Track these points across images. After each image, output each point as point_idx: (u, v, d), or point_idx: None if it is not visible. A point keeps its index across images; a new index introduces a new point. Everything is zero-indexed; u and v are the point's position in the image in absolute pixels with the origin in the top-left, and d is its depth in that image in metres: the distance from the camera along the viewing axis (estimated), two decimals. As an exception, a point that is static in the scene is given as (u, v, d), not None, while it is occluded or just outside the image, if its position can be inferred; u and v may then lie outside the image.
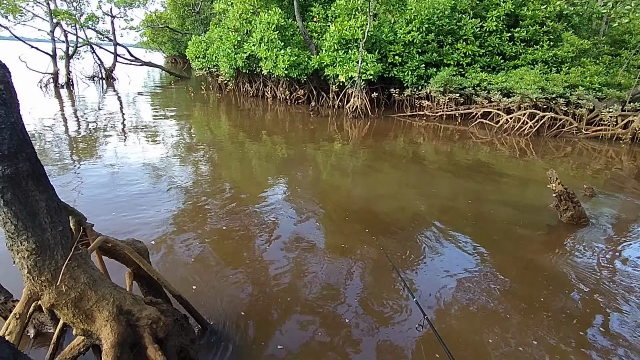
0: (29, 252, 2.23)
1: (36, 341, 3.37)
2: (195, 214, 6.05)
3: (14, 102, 2.12)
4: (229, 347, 3.40)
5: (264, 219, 5.98)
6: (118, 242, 2.99)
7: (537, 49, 16.27)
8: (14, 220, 2.16)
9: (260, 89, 20.46)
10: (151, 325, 2.68)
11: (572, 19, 16.64)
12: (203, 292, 4.12)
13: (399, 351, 3.46)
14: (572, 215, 6.31)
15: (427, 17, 16.17)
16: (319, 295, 4.19)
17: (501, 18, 16.32)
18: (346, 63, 15.77)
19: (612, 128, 13.55)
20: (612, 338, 3.78)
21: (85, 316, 2.47)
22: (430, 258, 5.15)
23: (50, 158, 8.45)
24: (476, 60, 16.98)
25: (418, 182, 8.37)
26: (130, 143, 10.30)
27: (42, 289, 2.34)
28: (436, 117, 16.31)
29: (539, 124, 13.66)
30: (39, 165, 2.26)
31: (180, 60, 49.15)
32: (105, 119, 13.61)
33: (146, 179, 7.49)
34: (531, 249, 5.51)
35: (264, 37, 16.80)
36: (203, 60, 21.59)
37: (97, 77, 26.88)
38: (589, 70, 14.93)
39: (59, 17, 21.65)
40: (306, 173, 8.50)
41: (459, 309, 4.09)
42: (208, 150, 10.05)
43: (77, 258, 2.47)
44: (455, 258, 5.17)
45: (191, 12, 35.05)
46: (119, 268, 3.28)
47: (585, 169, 10.18)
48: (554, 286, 4.60)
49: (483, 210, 6.86)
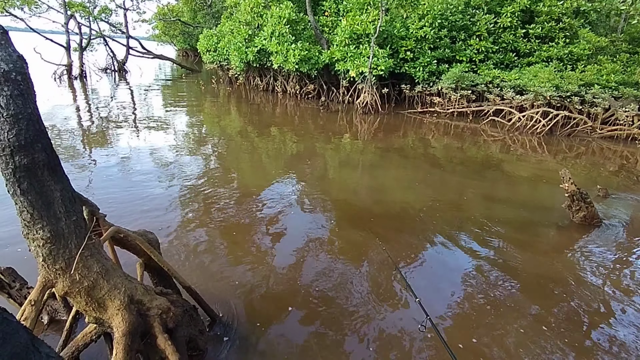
0: (44, 241, 2.28)
1: (50, 327, 3.46)
2: (204, 206, 6.11)
3: (31, 94, 2.15)
4: (234, 339, 3.44)
5: (271, 213, 6.00)
6: (130, 232, 3.03)
7: (552, 46, 15.94)
8: (30, 209, 2.20)
9: (271, 83, 20.46)
10: (161, 315, 2.72)
11: (589, 15, 16.25)
12: (210, 284, 4.17)
13: (401, 351, 3.46)
14: (584, 215, 6.21)
15: (440, 12, 15.95)
16: (323, 291, 4.20)
17: (516, 14, 16.00)
18: (357, 58, 15.66)
19: (628, 128, 13.24)
20: (618, 343, 3.73)
21: (97, 304, 2.52)
22: (435, 258, 5.12)
23: (62, 148, 8.59)
24: (489, 56, 16.71)
25: (426, 179, 8.31)
26: (141, 134, 10.41)
27: (56, 277, 2.39)
28: (447, 114, 16.13)
29: (552, 122, 13.42)
30: (55, 155, 2.30)
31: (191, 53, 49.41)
32: (117, 110, 13.76)
33: (156, 170, 7.57)
34: (541, 250, 5.44)
35: (275, 31, 16.76)
36: (214, 53, 21.64)
37: (110, 69, 27.16)
38: (605, 69, 14.58)
39: (73, 9, 21.90)
40: (314, 168, 8.50)
41: (463, 310, 4.07)
42: (218, 143, 10.11)
43: (90, 247, 2.51)
44: (462, 258, 5.13)
45: (203, 6, 35.13)
46: (130, 258, 3.33)
47: (599, 169, 9.99)
48: (563, 288, 4.54)
49: (493, 209, 6.79)
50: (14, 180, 2.11)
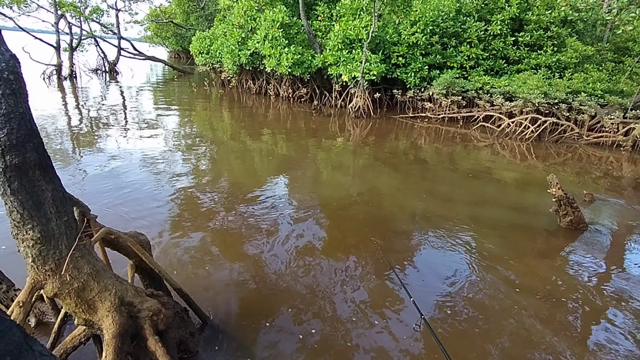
0: (33, 241, 2.26)
1: (37, 330, 3.40)
2: (195, 208, 6.08)
3: (23, 93, 2.14)
4: (225, 342, 3.43)
5: (263, 216, 6.00)
6: (121, 234, 3.01)
7: (540, 53, 16.27)
8: (20, 209, 2.18)
9: (263, 87, 20.47)
10: (152, 317, 2.71)
11: (576, 24, 16.63)
12: (201, 286, 4.15)
13: (395, 350, 3.49)
14: (571, 220, 6.34)
15: (431, 19, 16.17)
16: (316, 293, 4.21)
17: (506, 22, 16.31)
18: (350, 63, 15.78)
19: (613, 135, 13.56)
20: (606, 346, 3.81)
21: (87, 306, 2.50)
22: (427, 259, 5.17)
23: (51, 149, 8.47)
24: (479, 63, 16.98)
25: (417, 183, 8.39)
26: (131, 137, 10.32)
27: (45, 278, 2.37)
28: (438, 119, 16.32)
29: (540, 128, 13.68)
30: (46, 155, 2.29)
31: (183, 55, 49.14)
32: (108, 112, 13.62)
33: (147, 173, 7.51)
34: (529, 253, 5.53)
35: (268, 35, 16.81)
36: (206, 56, 21.59)
37: (101, 70, 26.88)
38: (591, 77, 14.94)
39: (63, 8, 21.65)
40: (306, 171, 8.52)
41: (456, 310, 4.12)
42: (209, 146, 10.07)
43: (81, 249, 2.50)
44: (453, 261, 5.19)
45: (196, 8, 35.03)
46: (121, 260, 3.30)
47: (585, 174, 10.20)
48: (551, 290, 4.63)
49: (482, 213, 6.89)
50: (4, 179, 2.09)
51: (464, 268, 4.98)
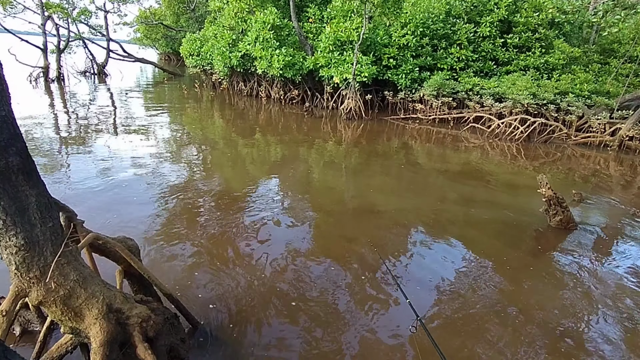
0: (17, 248, 2.19)
1: (22, 339, 3.31)
2: (185, 212, 6.01)
3: (5, 95, 2.08)
4: (217, 347, 3.38)
5: (255, 218, 5.95)
6: (109, 239, 2.95)
7: (529, 55, 16.49)
8: (3, 216, 2.12)
9: (255, 89, 20.38)
10: (141, 324, 2.65)
11: (563, 27, 16.90)
12: (191, 291, 4.09)
13: (391, 352, 3.47)
14: (561, 219, 6.41)
15: (422, 21, 16.28)
16: (310, 295, 4.18)
17: (495, 24, 16.50)
18: (341, 65, 15.80)
19: (600, 135, 13.79)
20: (595, 344, 3.85)
21: (74, 314, 2.43)
22: (421, 260, 5.18)
23: (38, 153, 8.31)
24: (469, 65, 17.14)
25: (409, 184, 8.42)
26: (120, 140, 10.18)
27: (30, 286, 2.30)
28: (429, 120, 16.43)
29: (529, 129, 13.84)
30: (30, 160, 2.23)
31: (173, 57, 48.69)
32: (96, 115, 13.42)
33: (136, 177, 7.41)
34: (520, 253, 5.58)
35: (259, 37, 16.75)
36: (197, 58, 21.42)
37: (89, 72, 26.51)
38: (579, 78, 15.18)
39: (50, 10, 21.31)
40: (298, 173, 8.49)
41: (451, 311, 4.13)
42: (200, 148, 9.98)
43: (67, 255, 2.43)
44: (445, 261, 5.21)
45: (186, 10, 34.79)
46: (109, 266, 3.24)
47: (574, 174, 10.35)
48: (542, 289, 4.66)
49: (473, 213, 6.93)
50: (-15, 185, 2.03)
51: (457, 269, 5.00)
